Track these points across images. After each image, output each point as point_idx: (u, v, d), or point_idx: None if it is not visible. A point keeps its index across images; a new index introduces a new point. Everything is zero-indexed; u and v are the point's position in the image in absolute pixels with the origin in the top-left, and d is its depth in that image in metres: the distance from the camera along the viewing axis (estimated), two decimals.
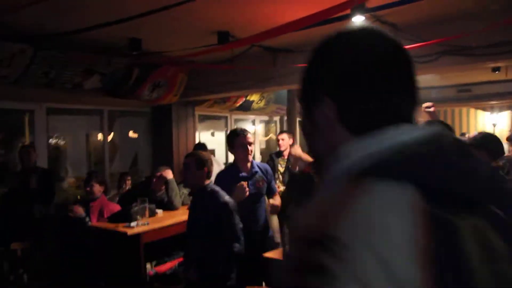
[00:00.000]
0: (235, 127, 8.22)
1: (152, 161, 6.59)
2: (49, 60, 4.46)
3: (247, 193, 3.33)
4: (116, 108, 6.27)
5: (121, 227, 3.73)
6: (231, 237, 2.98)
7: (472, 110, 9.15)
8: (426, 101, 8.69)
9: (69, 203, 4.44)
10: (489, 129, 8.93)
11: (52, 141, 5.96)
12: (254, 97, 7.37)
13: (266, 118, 8.95)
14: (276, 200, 3.62)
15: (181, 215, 4.10)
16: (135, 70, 5.29)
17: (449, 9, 4.17)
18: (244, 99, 7.24)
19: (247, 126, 8.74)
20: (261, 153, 8.96)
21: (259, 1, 3.86)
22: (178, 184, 4.68)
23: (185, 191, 4.83)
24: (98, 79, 5.11)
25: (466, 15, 4.25)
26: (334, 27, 3.91)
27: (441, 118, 9.64)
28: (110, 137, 6.33)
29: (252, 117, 8.59)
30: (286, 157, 5.52)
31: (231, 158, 7.83)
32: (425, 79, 7.77)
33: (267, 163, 5.65)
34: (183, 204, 4.61)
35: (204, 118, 7.46)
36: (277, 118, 9.13)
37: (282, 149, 5.57)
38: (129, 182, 5.55)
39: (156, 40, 4.84)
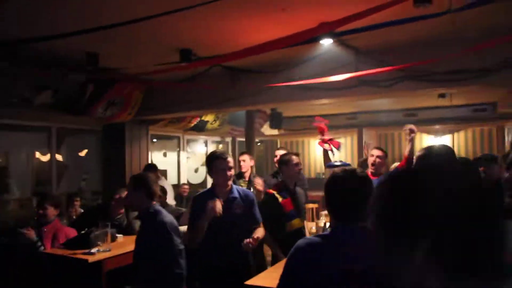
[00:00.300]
0: (187, 147, 8.05)
1: (102, 181, 6.25)
2: None
3: (218, 212, 3.15)
4: (65, 126, 5.92)
5: (80, 254, 3.44)
6: (169, 259, 2.95)
7: (417, 134, 9.52)
8: (374, 124, 9.00)
9: (14, 227, 4.05)
10: None
11: None
12: (209, 117, 7.25)
13: (218, 138, 8.83)
14: (258, 232, 3.41)
15: None
16: (89, 87, 5.03)
17: (412, 35, 4.31)
18: (198, 119, 7.10)
19: (200, 147, 8.58)
20: None
21: (223, 19, 3.79)
22: None
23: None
24: (50, 95, 4.79)
25: (427, 42, 4.44)
26: (300, 49, 3.96)
27: (388, 141, 10.09)
28: (57, 156, 5.94)
29: (204, 137, 8.45)
30: (247, 178, 5.42)
31: (183, 179, 7.68)
32: (374, 103, 8.06)
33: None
34: None
35: (156, 138, 7.22)
36: (229, 139, 9.04)
37: (243, 170, 5.46)
38: (78, 204, 5.19)
39: (114, 55, 4.64)
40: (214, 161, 3.32)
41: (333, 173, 1.88)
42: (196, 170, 8.44)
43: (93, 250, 3.48)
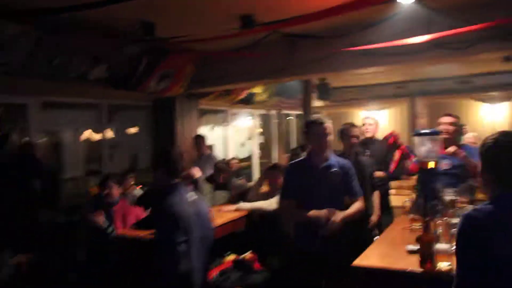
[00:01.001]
0: (234, 120, 7.81)
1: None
2: (55, 45, 3.91)
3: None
4: (115, 102, 5.74)
5: None
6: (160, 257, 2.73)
7: (471, 102, 9.06)
8: (423, 93, 8.56)
9: (81, 207, 3.91)
10: (488, 121, 8.88)
11: (44, 138, 5.37)
12: (257, 89, 6.98)
13: (264, 111, 8.55)
14: (352, 208, 3.19)
15: (216, 217, 3.68)
16: (144, 59, 4.79)
17: None
18: (247, 91, 6.83)
19: (246, 121, 8.34)
20: (260, 148, 8.58)
21: None
22: None
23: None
24: (105, 68, 4.59)
25: None
26: (369, 9, 3.57)
27: (441, 111, 9.51)
28: (108, 134, 5.79)
29: (250, 110, 8.19)
30: None
31: (231, 154, 7.48)
32: (425, 71, 7.62)
33: (291, 157, 5.28)
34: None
35: (203, 112, 6.99)
36: (273, 112, 8.75)
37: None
38: (132, 181, 5.03)
39: (171, 25, 4.38)
40: (310, 127, 3.18)
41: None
42: (242, 144, 8.21)
43: None
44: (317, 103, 8.15)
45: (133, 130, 6.38)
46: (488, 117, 8.94)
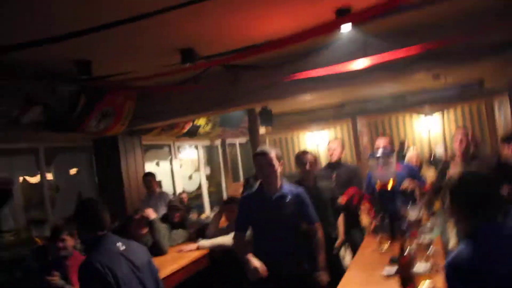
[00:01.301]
0: (179, 154, 7.62)
1: (99, 199, 5.73)
2: None
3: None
4: (54, 145, 5.38)
5: None
6: None
7: (407, 117, 9.51)
8: (361, 112, 8.87)
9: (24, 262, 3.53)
10: (424, 134, 9.33)
11: None
12: (201, 121, 6.86)
13: (207, 143, 8.42)
14: (318, 245, 3.26)
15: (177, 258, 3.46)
16: (82, 99, 4.55)
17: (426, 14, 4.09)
18: (191, 124, 6.69)
19: (191, 153, 8.17)
20: (208, 179, 8.40)
21: (227, 12, 3.39)
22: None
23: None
24: (40, 111, 4.29)
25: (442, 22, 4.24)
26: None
27: (379, 128, 9.97)
28: (49, 178, 5.41)
29: (194, 143, 8.03)
30: None
31: (179, 188, 7.25)
32: (361, 93, 7.91)
33: (244, 187, 5.19)
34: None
35: (147, 148, 6.75)
36: (218, 142, 8.65)
37: None
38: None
39: (108, 61, 4.19)
40: (255, 159, 3.22)
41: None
42: (190, 177, 8.01)
43: None
44: (260, 130, 8.15)
45: (74, 172, 6.01)
46: (424, 128, 9.41)
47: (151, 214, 4.04)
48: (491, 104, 8.95)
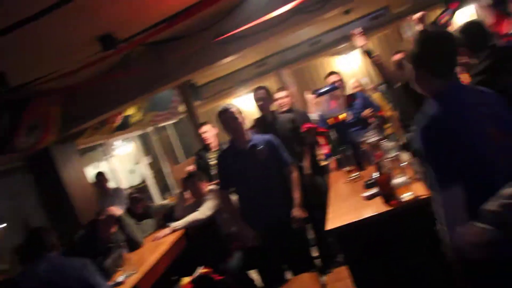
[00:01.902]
0: (115, 150, 7.34)
1: (49, 220, 5.39)
2: None
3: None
4: None
5: None
6: None
7: (327, 59, 9.75)
8: (283, 64, 9.05)
9: None
10: (345, 72, 9.64)
11: None
12: (131, 111, 6.61)
13: (141, 132, 8.15)
14: (294, 184, 3.43)
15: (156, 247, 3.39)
16: (5, 115, 4.20)
17: None
18: (122, 116, 6.44)
19: (126, 147, 7.88)
20: (151, 168, 8.19)
21: None
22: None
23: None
24: None
25: None
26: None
27: (305, 75, 10.12)
28: None
29: (127, 136, 7.73)
30: (214, 149, 5.05)
31: (123, 184, 7.00)
32: (279, 44, 8.00)
33: (196, 162, 5.14)
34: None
35: (82, 153, 6.41)
36: (150, 129, 8.40)
37: (208, 142, 5.06)
38: None
39: (25, 68, 3.86)
40: (219, 117, 3.38)
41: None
42: (131, 172, 7.75)
43: (119, 279, 2.95)
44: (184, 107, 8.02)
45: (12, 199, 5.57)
46: (344, 68, 9.71)
47: (116, 210, 3.89)
48: (397, 29, 9.41)
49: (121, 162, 7.39)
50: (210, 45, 4.65)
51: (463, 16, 6.87)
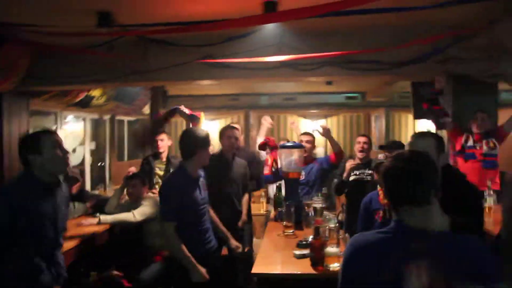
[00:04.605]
0: (64, 125, 7.10)
1: None
2: None
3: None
4: None
5: None
6: None
7: (295, 117, 10.05)
8: (254, 106, 9.22)
9: None
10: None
11: None
12: (96, 92, 6.48)
13: (96, 116, 7.93)
14: None
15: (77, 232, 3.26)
16: None
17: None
18: (85, 93, 6.29)
19: (77, 125, 7.64)
20: (92, 155, 7.93)
21: None
22: None
23: None
24: None
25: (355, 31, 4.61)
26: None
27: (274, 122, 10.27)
28: None
29: (82, 115, 7.51)
30: (164, 159, 5.02)
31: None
32: (256, 86, 8.22)
33: (142, 166, 5.09)
34: None
35: (32, 114, 6.14)
36: (107, 117, 8.20)
37: (160, 150, 5.03)
38: None
39: (12, 8, 3.76)
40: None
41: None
42: (74, 150, 7.47)
43: None
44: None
45: None
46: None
47: None
48: (368, 115, 9.95)
49: (67, 137, 7.12)
50: (196, 63, 4.72)
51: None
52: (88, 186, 7.42)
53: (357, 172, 4.39)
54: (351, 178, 4.45)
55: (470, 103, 4.78)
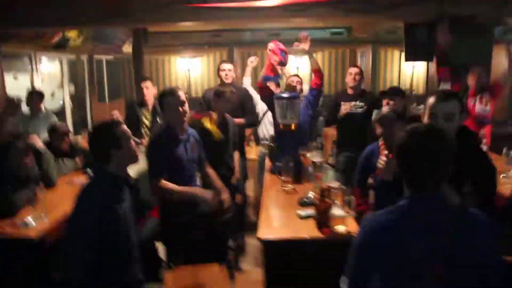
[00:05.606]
0: (40, 67, 6.74)
1: None
2: None
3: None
4: None
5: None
6: None
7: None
8: (237, 43, 8.95)
9: None
10: (292, 71, 9.73)
11: None
12: (72, 33, 6.11)
13: (73, 57, 7.53)
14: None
15: (69, 192, 3.16)
16: None
17: None
18: (61, 34, 5.93)
19: (54, 67, 7.27)
20: (71, 99, 7.63)
21: None
22: None
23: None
24: None
25: None
26: None
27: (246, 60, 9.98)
28: None
29: (59, 56, 7.12)
30: (150, 107, 4.84)
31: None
32: (241, 22, 7.85)
33: (127, 113, 4.94)
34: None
35: (3, 57, 5.77)
36: (84, 58, 7.80)
37: (146, 98, 4.84)
38: None
39: None
40: (163, 100, 3.08)
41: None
42: (52, 95, 7.17)
43: (27, 221, 2.72)
44: (129, 48, 7.60)
45: None
46: (295, 68, 9.80)
47: (38, 141, 3.57)
48: (354, 52, 9.73)
49: (43, 81, 6.78)
50: (188, 6, 4.43)
51: None
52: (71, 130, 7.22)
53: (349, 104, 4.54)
54: (343, 110, 4.56)
55: (465, 46, 4.67)
